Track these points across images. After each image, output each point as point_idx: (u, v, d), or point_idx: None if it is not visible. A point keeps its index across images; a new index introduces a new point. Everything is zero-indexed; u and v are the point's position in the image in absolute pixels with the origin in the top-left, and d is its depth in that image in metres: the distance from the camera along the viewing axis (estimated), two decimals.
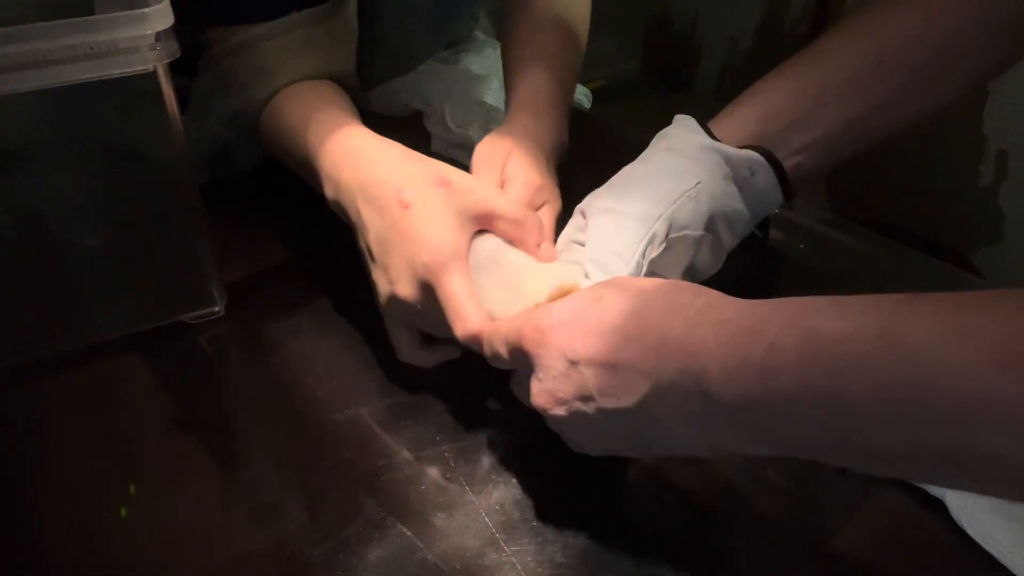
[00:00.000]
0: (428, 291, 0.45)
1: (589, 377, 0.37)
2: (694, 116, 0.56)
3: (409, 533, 0.43)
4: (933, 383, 0.27)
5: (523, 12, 0.70)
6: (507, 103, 0.66)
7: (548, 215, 0.54)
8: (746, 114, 0.55)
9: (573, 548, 0.42)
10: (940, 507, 0.43)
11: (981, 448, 0.27)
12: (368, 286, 0.52)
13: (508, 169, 0.55)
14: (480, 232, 0.48)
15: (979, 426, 0.27)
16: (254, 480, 0.47)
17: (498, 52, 0.93)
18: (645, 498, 0.45)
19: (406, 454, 0.48)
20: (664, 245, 0.49)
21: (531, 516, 0.43)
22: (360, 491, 0.45)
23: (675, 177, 0.50)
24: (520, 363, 0.41)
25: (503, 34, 0.73)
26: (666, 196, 0.49)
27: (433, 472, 0.46)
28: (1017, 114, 1.35)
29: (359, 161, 0.51)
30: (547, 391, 0.39)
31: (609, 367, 0.37)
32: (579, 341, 0.38)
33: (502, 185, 0.55)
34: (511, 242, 0.49)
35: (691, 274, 0.53)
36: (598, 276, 0.47)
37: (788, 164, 0.54)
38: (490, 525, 0.43)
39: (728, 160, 0.52)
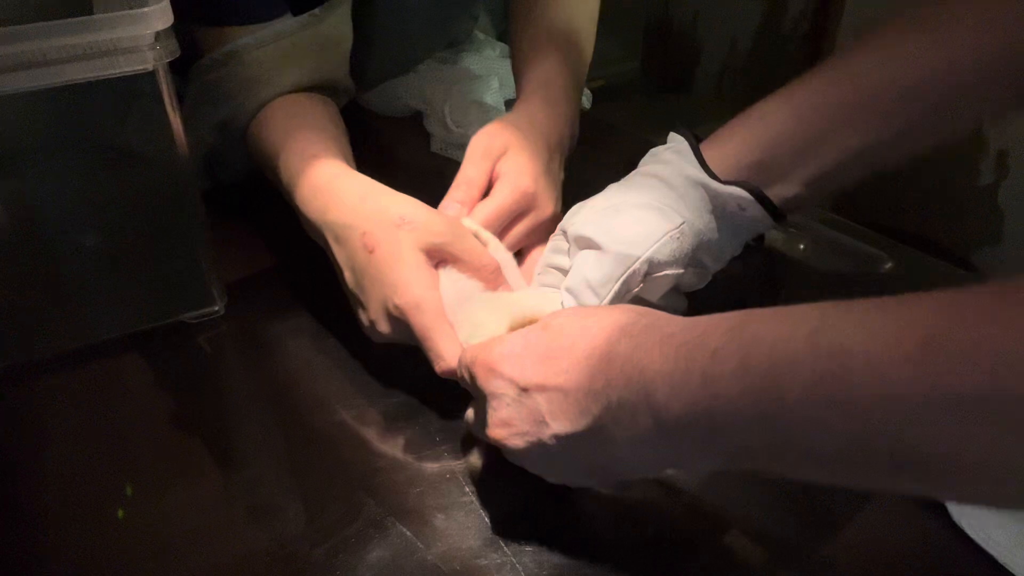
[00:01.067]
0: (406, 327, 0.47)
1: (541, 402, 0.38)
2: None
3: (409, 533, 0.43)
4: (858, 377, 0.28)
5: (532, 4, 0.69)
6: (517, 91, 0.64)
7: (534, 220, 0.54)
8: (748, 141, 0.51)
9: (573, 548, 0.42)
10: (940, 507, 0.43)
11: (909, 440, 0.27)
12: None
13: (502, 165, 0.54)
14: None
15: (903, 418, 0.27)
16: (254, 480, 0.47)
17: (498, 52, 0.93)
18: (645, 499, 0.45)
19: (406, 454, 0.48)
20: (641, 284, 0.49)
21: (531, 516, 0.43)
22: (360, 491, 0.45)
23: (660, 213, 0.49)
24: (477, 393, 0.42)
25: (511, 23, 0.71)
26: (649, 234, 0.48)
27: (433, 472, 0.46)
28: (1017, 114, 1.35)
29: (326, 200, 0.52)
30: (502, 421, 0.40)
31: (559, 391, 0.37)
32: (529, 368, 0.39)
33: (493, 182, 0.54)
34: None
35: (675, 291, 0.53)
36: (571, 306, 0.48)
37: (787, 195, 0.51)
38: (490, 525, 0.43)
39: (716, 197, 0.50)
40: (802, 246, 0.67)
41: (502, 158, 0.55)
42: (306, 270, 0.63)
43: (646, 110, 1.87)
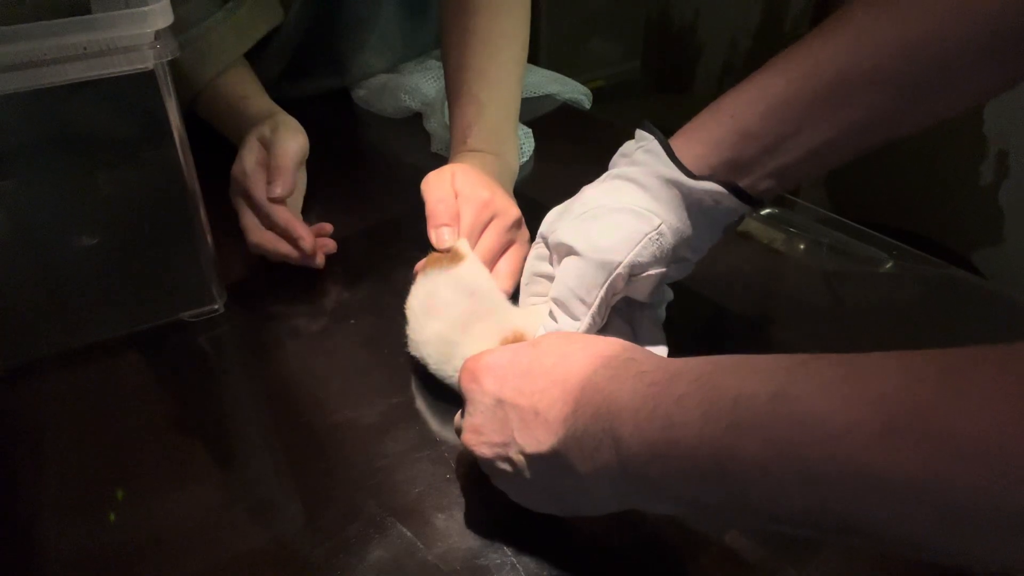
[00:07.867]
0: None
1: (512, 417, 0.39)
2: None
3: (409, 533, 0.43)
4: (819, 447, 0.28)
5: (456, 27, 0.69)
6: (451, 131, 0.67)
7: (500, 225, 0.57)
8: (719, 141, 0.50)
9: (573, 548, 0.42)
10: None
11: (867, 517, 0.27)
12: (371, 285, 0.55)
13: (455, 184, 0.57)
14: (448, 268, 0.52)
15: (862, 495, 0.27)
16: (254, 480, 0.47)
17: None
18: None
19: (406, 454, 0.48)
20: (625, 287, 0.50)
21: (531, 516, 0.43)
22: (360, 491, 0.45)
23: (637, 216, 0.49)
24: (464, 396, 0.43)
25: (441, 50, 0.72)
26: (628, 239, 0.48)
27: (433, 472, 0.46)
28: (1017, 114, 1.35)
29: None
30: (474, 427, 0.41)
31: (531, 410, 0.38)
32: (508, 382, 0.39)
33: (455, 198, 0.57)
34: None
35: (662, 284, 0.53)
36: (561, 316, 0.49)
37: (759, 188, 0.50)
38: (490, 525, 0.43)
39: (691, 194, 0.49)
40: (802, 246, 0.67)
41: (453, 179, 0.57)
42: (307, 270, 0.63)
43: (646, 110, 1.88)
